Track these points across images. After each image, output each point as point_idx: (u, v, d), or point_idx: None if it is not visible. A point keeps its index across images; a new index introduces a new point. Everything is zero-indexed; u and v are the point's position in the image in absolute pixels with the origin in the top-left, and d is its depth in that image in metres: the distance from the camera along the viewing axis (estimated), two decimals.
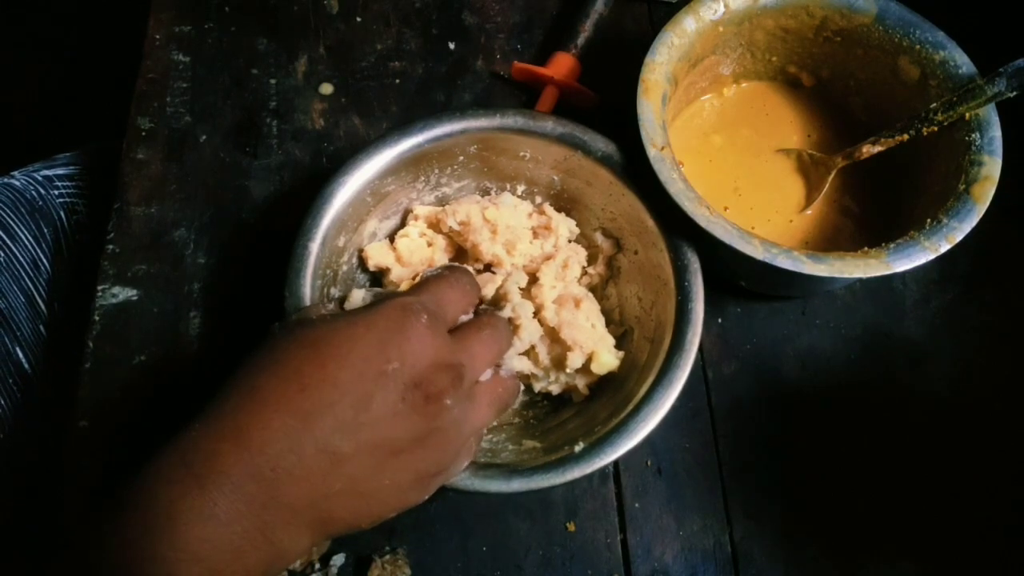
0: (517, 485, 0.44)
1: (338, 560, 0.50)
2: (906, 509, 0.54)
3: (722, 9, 0.56)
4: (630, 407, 0.46)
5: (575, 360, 0.49)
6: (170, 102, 0.64)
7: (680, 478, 0.54)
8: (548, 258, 0.54)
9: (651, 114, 0.52)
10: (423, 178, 0.55)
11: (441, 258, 0.55)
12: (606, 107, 0.63)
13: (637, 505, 0.53)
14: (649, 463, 0.54)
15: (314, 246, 0.49)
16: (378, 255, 0.54)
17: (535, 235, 0.55)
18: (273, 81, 0.66)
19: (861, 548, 0.53)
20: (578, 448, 0.45)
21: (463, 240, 0.54)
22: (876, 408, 0.57)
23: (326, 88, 0.66)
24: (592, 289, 0.56)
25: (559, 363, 0.50)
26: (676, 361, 0.47)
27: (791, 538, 0.53)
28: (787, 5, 0.57)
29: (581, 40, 0.65)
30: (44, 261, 0.66)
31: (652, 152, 0.50)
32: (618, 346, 0.52)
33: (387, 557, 0.50)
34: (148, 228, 0.59)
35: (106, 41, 1.03)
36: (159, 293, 0.57)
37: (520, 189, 0.57)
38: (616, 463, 0.54)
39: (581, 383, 0.51)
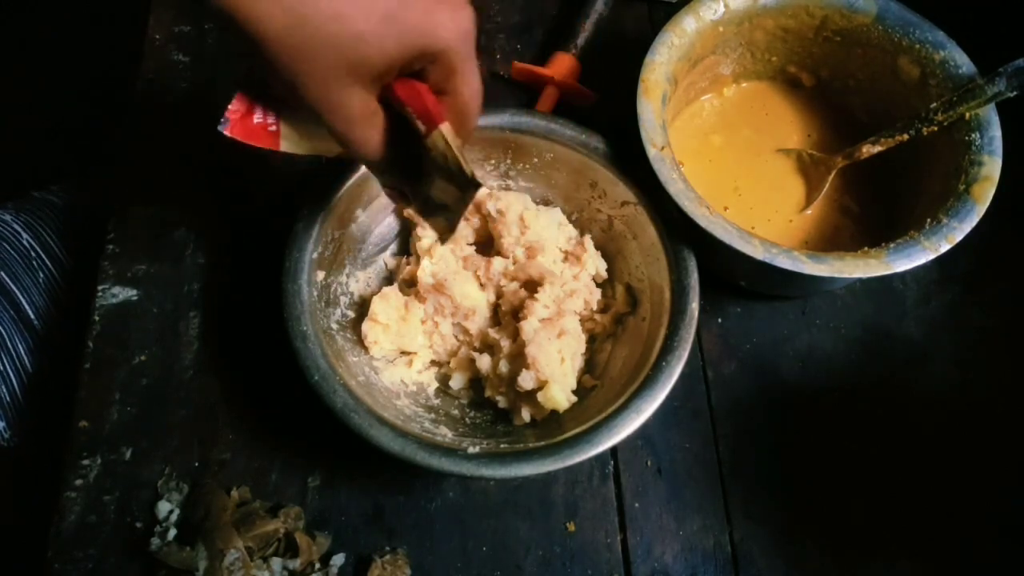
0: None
1: (338, 560, 0.50)
2: (906, 509, 0.54)
3: (722, 9, 0.56)
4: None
5: (526, 379, 0.49)
6: (170, 102, 0.64)
7: (680, 478, 0.54)
8: (562, 284, 0.54)
9: (651, 114, 0.52)
10: (493, 161, 0.57)
11: (468, 235, 0.57)
12: (606, 107, 0.63)
13: (637, 505, 0.53)
14: (649, 463, 0.54)
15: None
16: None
17: (566, 258, 0.56)
18: None
19: (861, 548, 0.53)
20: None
21: (494, 227, 0.56)
22: (876, 408, 0.57)
23: None
24: (592, 336, 0.56)
25: (514, 377, 0.50)
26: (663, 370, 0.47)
27: (791, 538, 0.53)
28: (787, 5, 0.57)
29: (581, 40, 0.65)
30: (70, 266, 0.67)
31: (652, 152, 0.50)
32: (581, 396, 0.52)
33: (387, 557, 0.50)
34: (148, 228, 0.59)
35: (106, 41, 1.03)
36: (159, 293, 0.57)
37: (575, 216, 0.58)
38: (616, 463, 0.54)
39: (526, 411, 0.51)
